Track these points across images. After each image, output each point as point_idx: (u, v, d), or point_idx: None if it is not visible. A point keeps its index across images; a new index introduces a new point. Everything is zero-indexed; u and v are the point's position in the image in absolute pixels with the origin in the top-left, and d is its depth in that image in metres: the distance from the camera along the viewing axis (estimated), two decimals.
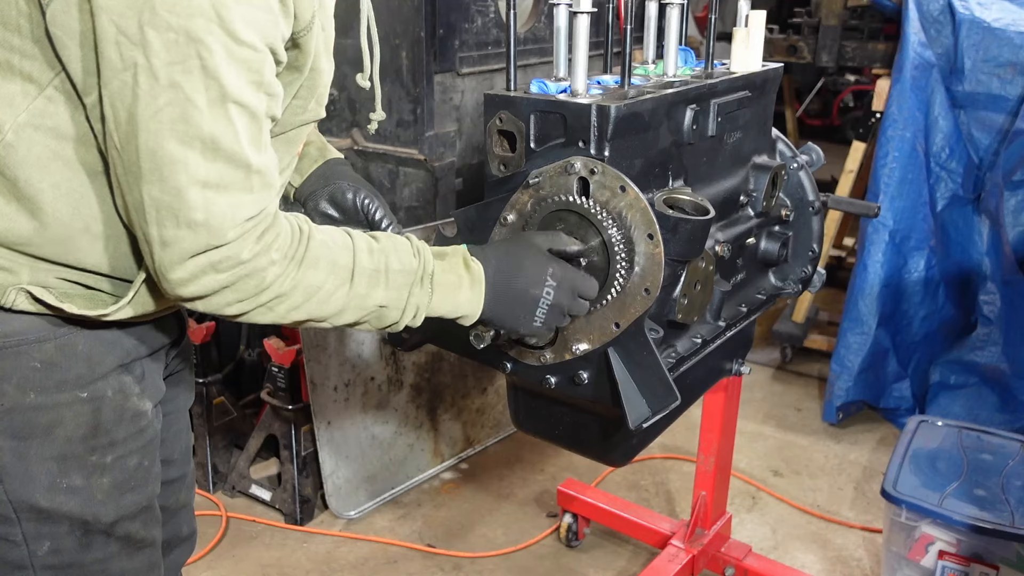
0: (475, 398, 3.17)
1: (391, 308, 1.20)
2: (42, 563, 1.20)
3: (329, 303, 1.14)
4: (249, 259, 1.05)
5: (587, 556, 2.70)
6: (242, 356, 3.13)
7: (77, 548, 1.22)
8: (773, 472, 3.14)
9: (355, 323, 1.20)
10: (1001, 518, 2.20)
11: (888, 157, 3.21)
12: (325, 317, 1.16)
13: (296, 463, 2.76)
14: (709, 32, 1.72)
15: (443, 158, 2.87)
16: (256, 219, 1.05)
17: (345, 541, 2.73)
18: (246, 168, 1.03)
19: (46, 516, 1.18)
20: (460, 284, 1.25)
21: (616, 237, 1.36)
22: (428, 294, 1.23)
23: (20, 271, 1.11)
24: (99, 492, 1.22)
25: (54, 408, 1.16)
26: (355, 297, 1.16)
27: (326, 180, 1.49)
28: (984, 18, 3.05)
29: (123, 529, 1.26)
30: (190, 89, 0.97)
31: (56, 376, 1.15)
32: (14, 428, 1.14)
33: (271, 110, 1.08)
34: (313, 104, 1.26)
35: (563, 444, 1.72)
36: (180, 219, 1.00)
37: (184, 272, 1.03)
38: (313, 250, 1.12)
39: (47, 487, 1.17)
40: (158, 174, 0.99)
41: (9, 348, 1.12)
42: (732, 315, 1.75)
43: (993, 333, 3.21)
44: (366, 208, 1.49)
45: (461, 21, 2.82)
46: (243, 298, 1.08)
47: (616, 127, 1.37)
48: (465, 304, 1.26)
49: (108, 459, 1.22)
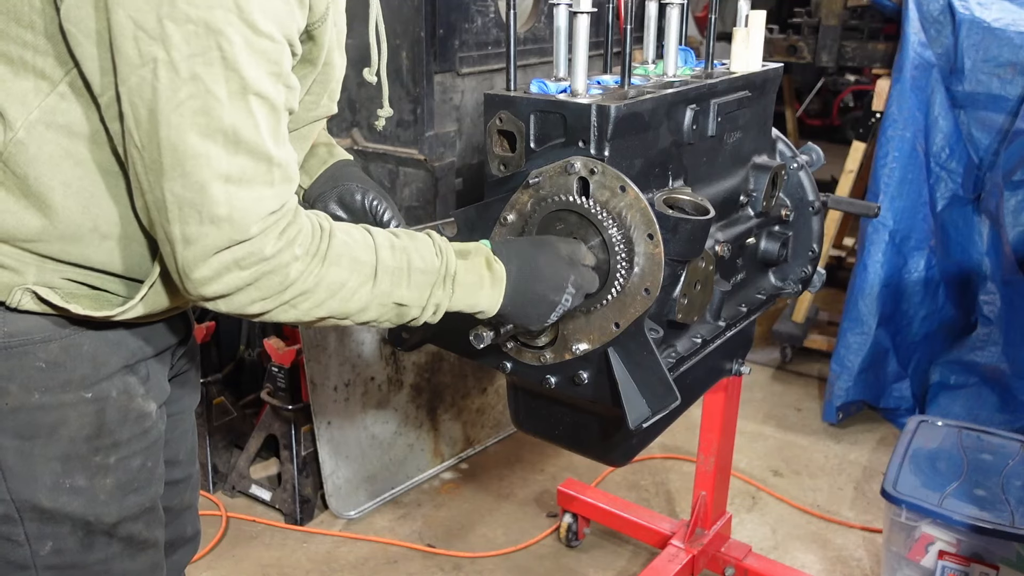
0: (475, 398, 3.17)
1: (412, 306, 1.20)
2: (44, 563, 1.20)
3: (352, 300, 1.13)
4: (272, 255, 1.03)
5: (587, 556, 2.70)
6: (242, 356, 3.13)
7: (79, 549, 1.22)
8: (773, 472, 3.14)
9: (375, 320, 1.20)
10: (1001, 518, 2.20)
11: (888, 157, 3.21)
12: (348, 315, 1.15)
13: (296, 463, 2.76)
14: (709, 32, 1.72)
15: (443, 158, 2.86)
16: (278, 213, 1.04)
17: (345, 541, 2.73)
18: (267, 161, 1.02)
19: (49, 516, 1.18)
20: (481, 284, 1.26)
21: (616, 237, 1.36)
22: (449, 294, 1.23)
23: (26, 271, 1.11)
24: (102, 492, 1.22)
25: (58, 408, 1.16)
26: (378, 295, 1.16)
27: (335, 181, 1.49)
28: (984, 18, 3.05)
29: (126, 530, 1.26)
30: (211, 81, 0.97)
31: (61, 376, 1.15)
32: (18, 428, 1.14)
33: (289, 102, 1.07)
34: (326, 99, 1.25)
35: (563, 444, 1.71)
36: (204, 215, 0.99)
37: (208, 270, 1.01)
38: (336, 247, 1.11)
39: (50, 487, 1.17)
40: (180, 169, 0.98)
41: (14, 348, 1.12)
42: (732, 315, 1.75)
43: (993, 333, 3.21)
44: (374, 209, 1.48)
45: (461, 21, 2.82)
46: (266, 296, 1.06)
47: (616, 127, 1.37)
48: (484, 301, 1.27)
49: (112, 460, 1.22)
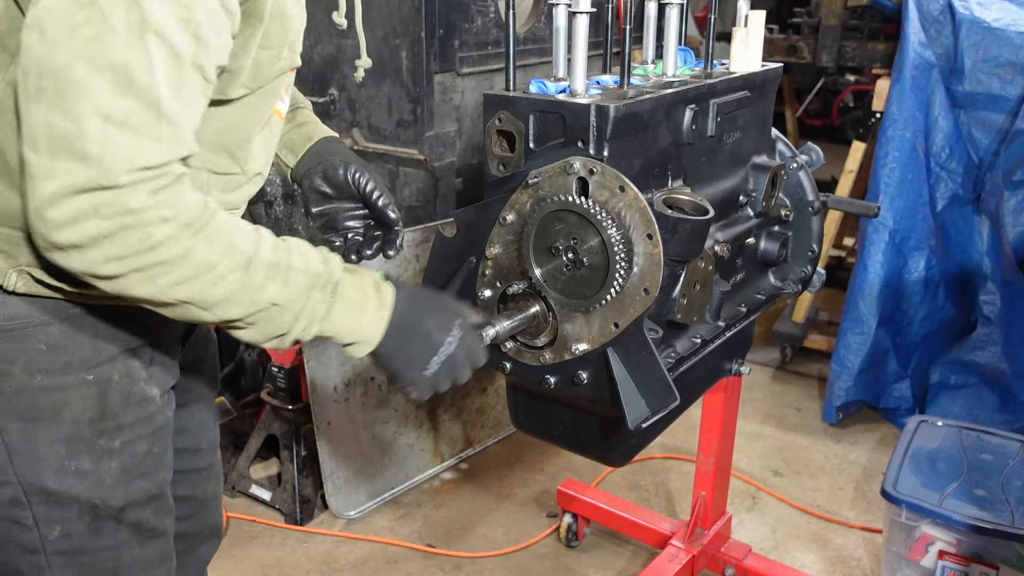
0: (475, 398, 3.17)
1: (285, 309, 1.10)
2: (53, 548, 1.22)
3: (218, 287, 1.03)
4: (138, 209, 0.95)
5: (587, 556, 2.70)
6: (242, 356, 3.13)
7: (87, 534, 1.23)
8: (773, 472, 3.14)
9: (241, 320, 1.09)
10: (1001, 518, 2.20)
11: (888, 157, 3.21)
12: (210, 303, 1.04)
13: (296, 463, 2.76)
14: (709, 32, 1.72)
15: (443, 158, 2.87)
16: (156, 171, 0.96)
17: (345, 541, 2.73)
18: (156, 110, 0.95)
19: (56, 499, 1.19)
20: (365, 304, 1.17)
21: (615, 237, 1.36)
22: (328, 303, 1.13)
23: (18, 253, 1.11)
24: (108, 476, 1.22)
25: (60, 390, 1.16)
26: (248, 288, 1.05)
27: (319, 157, 1.48)
28: (984, 18, 3.05)
29: (133, 516, 1.26)
30: (109, 9, 0.92)
31: (62, 358, 1.16)
32: (22, 410, 1.15)
33: (199, 59, 1.00)
34: (287, 52, 1.21)
35: (563, 444, 1.71)
36: (74, 149, 0.92)
37: (64, 211, 0.93)
38: (214, 225, 1.02)
39: (56, 469, 1.18)
40: (61, 98, 0.92)
41: (15, 330, 1.13)
42: (732, 315, 1.75)
43: (993, 333, 3.21)
44: (357, 182, 1.46)
45: (461, 21, 2.82)
46: (123, 254, 0.96)
47: (615, 127, 1.37)
48: (366, 327, 1.17)
49: (116, 443, 1.22)
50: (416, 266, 2.82)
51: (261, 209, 3.15)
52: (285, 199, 3.09)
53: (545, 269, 1.44)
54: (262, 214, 3.16)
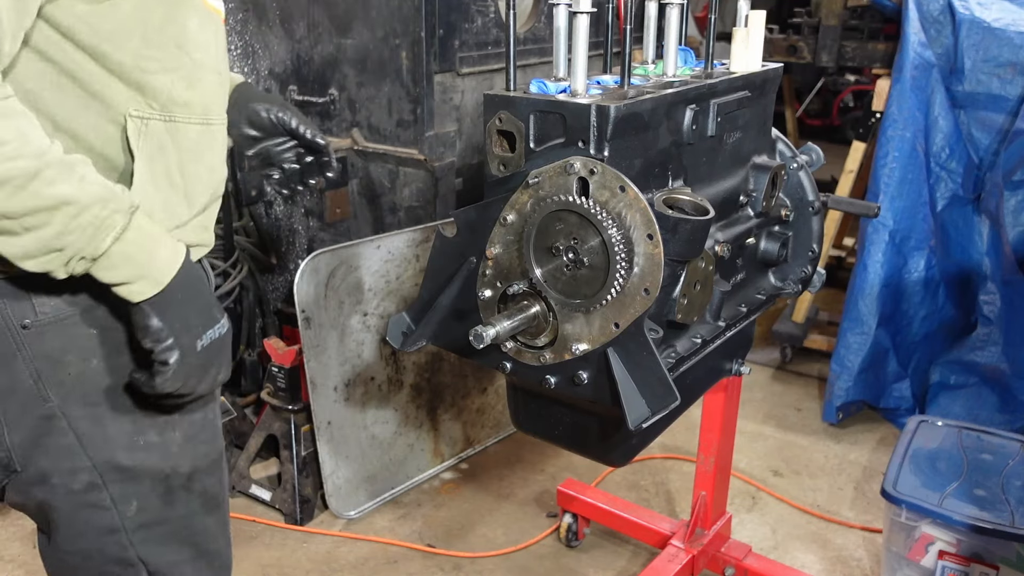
0: (475, 398, 3.17)
1: (81, 209, 1.01)
2: (132, 523, 1.28)
3: (3, 165, 0.95)
4: None
5: (587, 556, 2.70)
6: (242, 356, 3.13)
7: (161, 504, 1.30)
8: (773, 472, 3.14)
9: (17, 216, 0.98)
10: (1001, 518, 2.20)
11: (888, 157, 3.21)
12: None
13: (296, 463, 2.76)
14: (709, 32, 1.72)
15: (443, 158, 2.87)
16: None
17: (345, 541, 2.74)
18: None
19: (130, 475, 1.25)
20: (162, 239, 1.12)
21: (616, 237, 1.36)
22: (125, 220, 1.05)
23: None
24: (173, 445, 1.29)
25: (117, 371, 1.21)
26: (37, 178, 0.97)
27: (239, 106, 1.52)
28: (984, 18, 3.05)
29: (200, 483, 1.33)
30: None
31: (114, 339, 1.20)
32: (85, 395, 1.20)
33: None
34: None
35: (563, 444, 1.72)
36: None
37: None
38: (9, 105, 0.97)
39: (127, 447, 1.24)
40: None
41: (66, 320, 1.16)
42: (732, 315, 1.75)
43: (993, 333, 3.21)
44: (281, 121, 1.52)
45: (461, 21, 2.82)
46: None
47: (616, 127, 1.37)
48: (158, 263, 1.10)
49: (175, 414, 1.28)
50: (416, 266, 2.82)
51: (261, 209, 3.16)
52: (285, 199, 3.09)
53: (545, 269, 1.44)
54: (262, 214, 3.16)
